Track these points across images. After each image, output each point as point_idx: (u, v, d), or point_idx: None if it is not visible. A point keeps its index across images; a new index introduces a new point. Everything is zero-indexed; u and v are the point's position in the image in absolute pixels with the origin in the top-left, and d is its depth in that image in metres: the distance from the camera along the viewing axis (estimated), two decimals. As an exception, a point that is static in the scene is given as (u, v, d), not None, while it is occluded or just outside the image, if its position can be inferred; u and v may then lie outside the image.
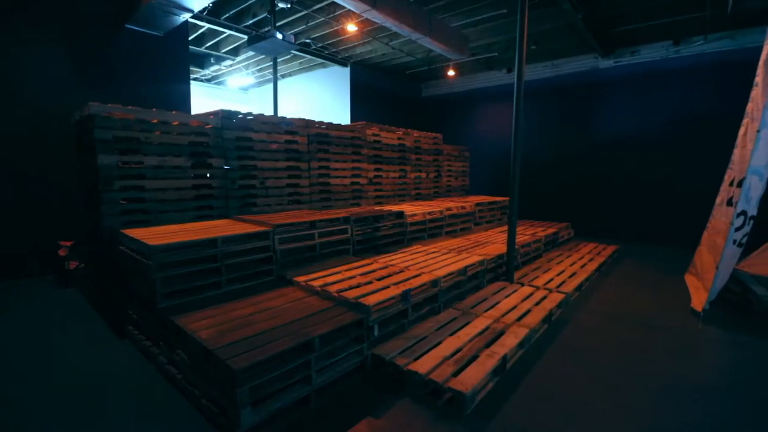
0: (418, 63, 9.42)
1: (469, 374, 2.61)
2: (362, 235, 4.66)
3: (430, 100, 11.41)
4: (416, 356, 2.83)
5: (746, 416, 2.46)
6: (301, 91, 10.71)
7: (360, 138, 5.98)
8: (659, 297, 4.69)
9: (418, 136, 7.26)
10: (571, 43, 7.73)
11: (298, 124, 5.12)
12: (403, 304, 3.23)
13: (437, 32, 6.72)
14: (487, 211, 7.17)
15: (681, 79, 7.46)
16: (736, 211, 3.78)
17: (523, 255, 5.52)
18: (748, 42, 6.64)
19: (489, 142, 10.05)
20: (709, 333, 3.70)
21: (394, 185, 6.74)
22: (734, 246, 3.91)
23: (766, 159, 3.79)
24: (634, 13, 6.43)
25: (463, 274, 4.12)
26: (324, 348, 2.57)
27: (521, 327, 3.35)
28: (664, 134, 7.67)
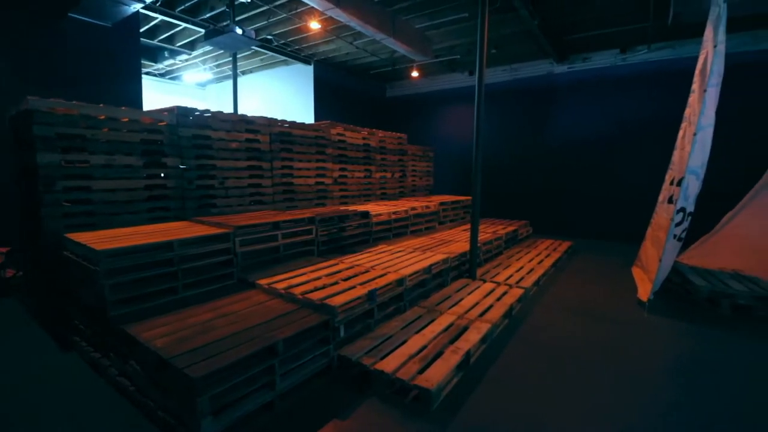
0: (383, 63, 9.45)
1: (434, 371, 2.66)
2: (327, 236, 4.61)
3: (395, 101, 11.49)
4: (382, 355, 2.84)
5: (688, 395, 2.67)
6: (263, 89, 10.44)
7: (324, 137, 5.91)
8: (609, 289, 4.99)
9: (383, 136, 7.29)
10: (529, 48, 8.05)
11: (260, 122, 4.98)
12: (369, 304, 3.23)
13: (401, 33, 6.78)
14: (451, 210, 7.33)
15: (628, 85, 7.97)
16: (676, 208, 4.09)
17: (485, 252, 5.68)
18: (686, 52, 7.21)
19: (452, 142, 10.27)
20: (654, 321, 3.99)
21: (360, 185, 6.73)
22: (675, 240, 4.23)
23: (701, 160, 4.13)
24: (585, 21, 6.79)
25: (428, 272, 4.18)
26: (288, 351, 2.52)
27: (484, 322, 3.45)
28: (614, 136, 8.17)
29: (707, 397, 2.67)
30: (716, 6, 4.10)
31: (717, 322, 3.99)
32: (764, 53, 6.69)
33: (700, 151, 4.04)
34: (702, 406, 2.57)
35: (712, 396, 2.68)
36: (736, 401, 2.62)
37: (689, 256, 5.89)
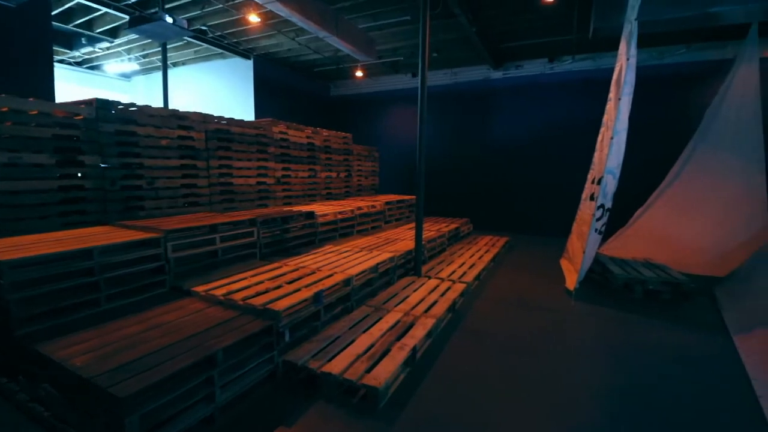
0: (327, 61, 9.33)
1: (381, 369, 2.68)
2: (270, 238, 4.46)
3: (340, 100, 11.41)
4: (330, 357, 2.81)
5: (610, 369, 2.95)
6: (197, 83, 9.82)
7: (266, 135, 5.70)
8: (541, 280, 5.38)
9: (327, 136, 7.20)
10: (468, 54, 8.41)
11: (194, 118, 4.68)
12: (316, 306, 3.17)
13: (345, 32, 6.73)
14: (396, 210, 7.44)
15: (556, 91, 8.64)
16: (597, 204, 4.51)
17: (429, 250, 5.84)
18: (605, 63, 7.96)
19: (397, 143, 10.43)
20: (579, 307, 4.37)
21: (304, 185, 6.59)
22: (596, 234, 4.66)
23: (617, 161, 4.58)
24: (517, 31, 7.24)
25: (375, 271, 4.20)
26: (229, 361, 2.39)
27: (429, 318, 3.54)
28: (545, 138, 8.81)
29: (626, 368, 2.98)
30: (629, 23, 4.58)
31: (632, 305, 4.47)
32: (668, 67, 7.61)
33: (616, 153, 4.49)
34: (621, 375, 2.86)
35: (630, 367, 3.00)
36: (648, 370, 2.96)
37: (608, 248, 6.53)
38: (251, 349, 2.59)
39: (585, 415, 2.48)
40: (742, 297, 4.30)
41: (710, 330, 3.80)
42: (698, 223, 6.27)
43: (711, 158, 6.39)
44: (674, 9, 5.38)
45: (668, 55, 7.60)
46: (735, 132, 6.26)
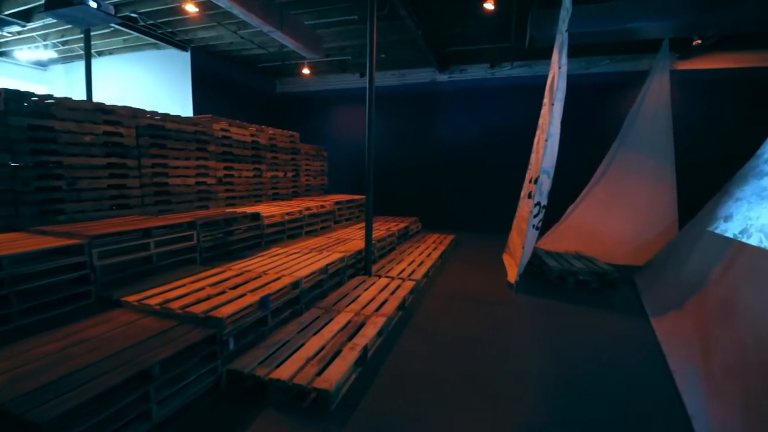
0: (272, 57, 9.03)
1: (332, 370, 2.65)
2: (212, 241, 4.23)
3: (286, 97, 11.10)
4: (278, 363, 2.72)
5: (549, 356, 3.16)
6: (126, 75, 9.04)
7: (206, 133, 5.39)
8: (486, 275, 5.64)
9: (273, 134, 6.98)
10: (415, 56, 8.57)
11: (123, 112, 4.31)
12: (262, 311, 3.06)
13: (290, 28, 6.56)
14: (346, 210, 7.40)
15: (497, 95, 9.09)
16: (534, 202, 4.82)
17: (379, 249, 5.88)
18: (540, 71, 8.50)
19: (346, 142, 10.37)
20: (520, 299, 4.65)
21: (249, 185, 6.33)
22: (533, 229, 4.98)
23: (551, 162, 4.92)
24: (461, 36, 7.51)
25: (325, 272, 4.15)
26: (166, 375, 2.23)
27: (380, 316, 3.57)
28: (487, 140, 9.23)
29: (561, 352, 3.22)
30: (560, 34, 4.93)
31: (565, 294, 4.83)
32: (595, 76, 8.30)
33: (550, 154, 4.82)
34: (558, 359, 3.08)
35: (564, 349, 3.24)
36: (579, 351, 3.21)
37: (544, 242, 7.00)
38: (192, 360, 2.44)
39: (529, 403, 2.63)
40: (657, 284, 4.82)
41: (632, 314, 4.22)
42: (620, 218, 6.93)
43: (630, 159, 7.09)
44: (598, 23, 5.89)
45: (594, 65, 8.30)
46: (650, 135, 7.00)
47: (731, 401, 2.37)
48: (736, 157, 4.79)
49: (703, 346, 3.04)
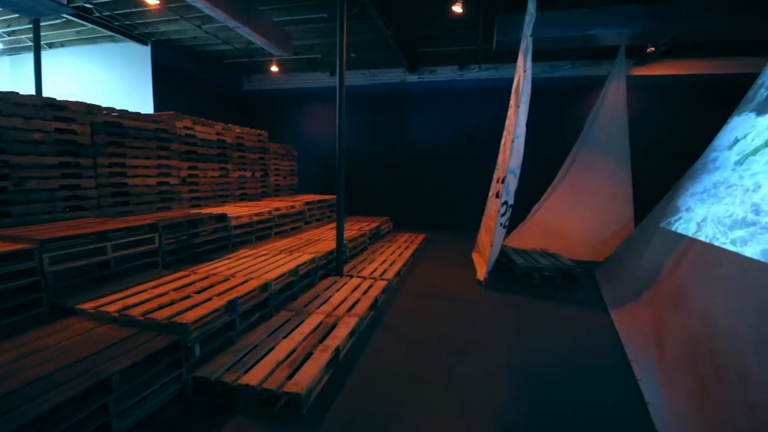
0: (238, 53, 8.78)
1: (304, 373, 2.61)
2: (175, 244, 4.06)
3: (254, 95, 10.83)
4: (247, 368, 2.65)
5: (519, 347, 3.26)
6: (81, 69, 8.51)
7: (168, 131, 5.17)
8: (456, 273, 5.74)
9: (240, 132, 6.79)
10: (385, 56, 8.58)
11: (76, 108, 4.05)
12: (230, 315, 2.97)
13: (258, 24, 6.40)
14: (317, 210, 7.31)
15: (466, 96, 9.26)
16: (501, 201, 4.95)
17: (351, 249, 5.86)
18: (506, 74, 8.73)
19: (316, 141, 10.25)
20: (489, 296, 4.77)
21: (214, 185, 6.12)
22: (501, 228, 5.11)
23: (517, 162, 5.07)
24: (430, 38, 7.60)
25: (295, 273, 4.08)
26: (127, 385, 2.12)
27: (352, 317, 3.55)
28: (457, 140, 9.39)
29: (529, 343, 3.32)
30: (525, 39, 5.09)
31: (532, 290, 5.00)
32: (557, 80, 8.63)
33: (516, 155, 4.96)
34: (526, 349, 3.18)
35: (531, 342, 3.35)
36: (545, 343, 3.34)
37: (511, 240, 7.21)
38: (154, 369, 2.33)
39: (500, 397, 2.70)
40: (615, 278, 5.07)
41: (593, 307, 4.42)
42: (581, 216, 7.25)
43: (590, 160, 7.43)
44: (561, 29, 6.14)
45: (557, 70, 8.63)
46: (608, 137, 7.37)
47: (684, 389, 2.53)
48: (686, 158, 5.13)
49: (658, 337, 3.23)
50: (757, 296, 2.50)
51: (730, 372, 2.29)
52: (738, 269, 2.84)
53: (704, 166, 4.39)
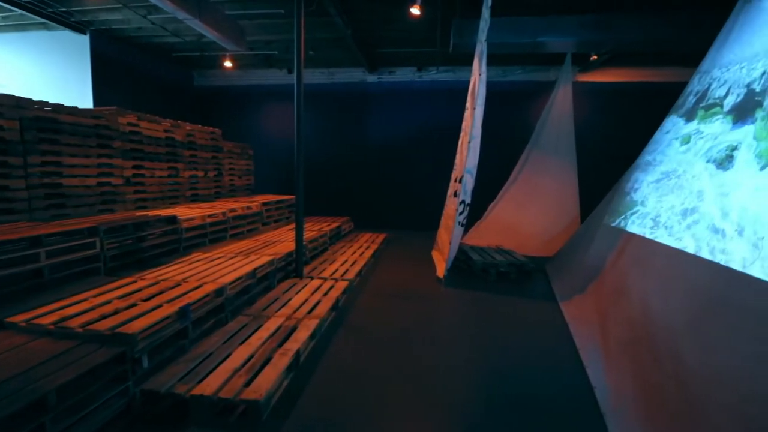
0: (188, 47, 8.35)
1: (262, 379, 2.53)
2: (119, 249, 3.79)
3: (206, 91, 10.35)
4: (201, 377, 2.53)
5: (477, 341, 3.36)
6: (8, 59, 7.72)
7: (109, 127, 4.82)
8: (416, 271, 5.83)
9: (191, 130, 6.47)
10: (344, 55, 8.53)
11: (3, 102, 3.67)
12: (182, 323, 2.82)
13: (209, 17, 6.11)
14: (275, 210, 7.13)
15: (425, 98, 9.42)
16: (459, 200, 5.09)
17: (311, 250, 5.77)
18: (463, 76, 8.96)
19: (273, 140, 9.98)
20: (449, 293, 4.89)
21: (163, 186, 5.79)
22: (459, 226, 5.25)
23: (474, 162, 5.22)
24: (390, 38, 7.65)
25: (253, 276, 3.95)
26: (66, 402, 1.95)
27: (312, 319, 3.49)
28: (416, 140, 9.53)
29: (486, 337, 3.45)
30: (480, 43, 5.26)
31: (488, 285, 5.19)
32: (510, 84, 9.00)
33: (473, 155, 5.12)
34: (484, 342, 3.30)
35: (489, 335, 3.48)
36: (502, 335, 3.47)
37: (469, 238, 7.44)
38: (97, 384, 2.16)
39: (459, 389, 2.77)
40: (564, 272, 5.38)
41: (544, 299, 4.67)
42: (533, 213, 7.63)
43: (540, 161, 7.84)
44: (512, 35, 6.41)
45: (510, 74, 9.00)
46: (557, 139, 7.80)
47: (625, 372, 2.73)
48: (625, 158, 5.53)
49: (602, 325, 3.47)
50: (685, 283, 2.75)
51: (664, 353, 2.51)
52: (669, 259, 3.11)
53: (641, 165, 4.76)
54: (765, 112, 2.76)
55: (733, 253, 2.41)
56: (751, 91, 3.08)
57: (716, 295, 2.40)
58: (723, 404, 1.88)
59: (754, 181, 2.54)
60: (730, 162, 2.92)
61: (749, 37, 3.54)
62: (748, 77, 3.21)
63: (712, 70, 4.01)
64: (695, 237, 2.90)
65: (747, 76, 3.24)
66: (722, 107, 3.45)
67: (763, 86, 2.93)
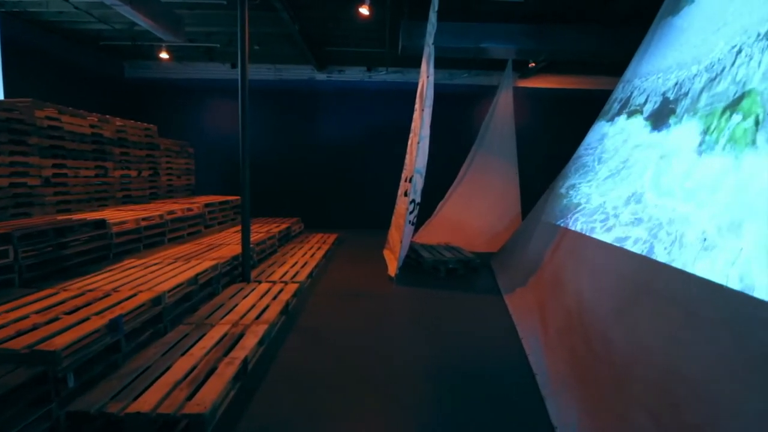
0: (118, 35, 7.67)
1: (207, 391, 2.39)
2: (38, 257, 3.38)
3: (139, 84, 9.58)
4: (138, 394, 2.34)
5: (428, 336, 3.44)
6: None
7: (24, 121, 4.29)
8: (368, 270, 5.85)
9: (122, 126, 5.96)
10: (292, 52, 8.31)
11: None
12: (113, 336, 2.58)
13: (141, 3, 5.66)
14: (219, 212, 6.77)
15: (374, 98, 9.47)
16: (409, 200, 5.17)
17: (259, 252, 5.56)
18: (412, 78, 9.09)
19: (217, 138, 9.49)
20: (401, 291, 4.98)
21: (89, 187, 5.27)
22: (410, 225, 5.34)
23: (423, 162, 5.33)
24: (339, 37, 7.59)
25: (194, 283, 3.72)
26: (-32, 435, 1.71)
27: (260, 324, 3.37)
28: (366, 140, 9.55)
29: (437, 332, 3.55)
30: (428, 46, 5.38)
31: (438, 282, 5.36)
32: (457, 86, 9.32)
33: (422, 155, 5.23)
34: (435, 337, 3.39)
35: (439, 330, 3.59)
36: (451, 329, 3.59)
37: (419, 236, 7.60)
38: (13, 409, 1.91)
39: (412, 388, 2.80)
40: (507, 266, 5.68)
41: (490, 293, 4.91)
42: (479, 211, 7.98)
43: (485, 161, 8.23)
44: (457, 40, 6.65)
45: (456, 77, 9.32)
46: (500, 141, 8.22)
47: (562, 358, 2.94)
48: (561, 158, 5.94)
49: (542, 315, 3.70)
50: (613, 274, 3.02)
51: (596, 338, 2.73)
52: (598, 251, 3.38)
53: (575, 164, 5.15)
54: (677, 118, 3.11)
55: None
56: (666, 99, 3.44)
57: (640, 283, 2.65)
58: (645, 380, 2.09)
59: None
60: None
61: (664, 51, 3.96)
62: (664, 86, 3.59)
63: (634, 80, 4.43)
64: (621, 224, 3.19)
65: (662, 86, 3.62)
66: (642, 113, 3.83)
67: (676, 95, 3.29)
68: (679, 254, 2.30)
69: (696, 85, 3.01)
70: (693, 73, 3.13)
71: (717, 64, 2.81)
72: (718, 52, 2.84)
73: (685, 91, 3.14)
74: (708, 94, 2.76)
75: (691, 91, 3.03)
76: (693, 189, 2.49)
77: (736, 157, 2.18)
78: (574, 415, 2.35)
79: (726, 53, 2.73)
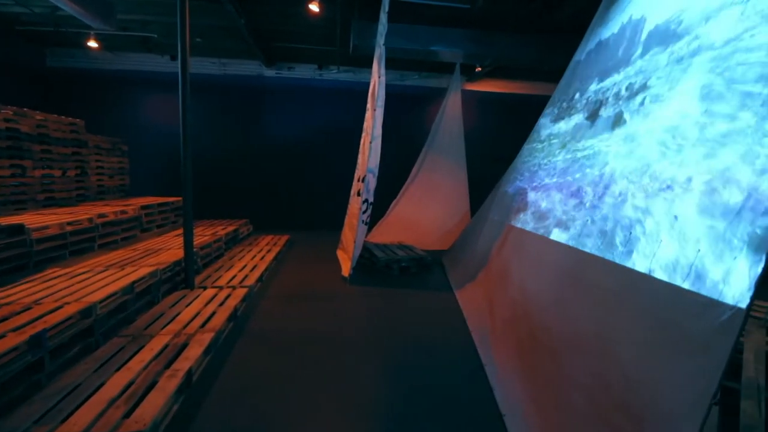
0: (38, 19, 6.89)
1: (147, 407, 2.23)
2: (-62, 267, 2.96)
3: (64, 74, 8.67)
4: (66, 415, 2.12)
5: (382, 333, 3.45)
6: None
7: None
8: (321, 271, 5.77)
9: (43, 120, 5.37)
10: (238, 46, 7.95)
11: None
12: (34, 354, 2.32)
13: (63, -14, 5.13)
14: (158, 214, 6.33)
15: (326, 96, 9.33)
16: (362, 199, 5.17)
17: (204, 257, 5.28)
18: (363, 77, 9.08)
19: (155, 135, 8.85)
20: (354, 290, 4.96)
21: (4, 188, 4.70)
22: (363, 225, 5.34)
23: (375, 162, 5.35)
24: (288, 33, 7.38)
25: (130, 291, 3.45)
26: None
27: (206, 333, 3.20)
28: (318, 139, 9.39)
29: (391, 328, 3.57)
30: (379, 47, 5.40)
31: (392, 280, 5.42)
32: (408, 88, 9.45)
33: (374, 155, 5.24)
34: (389, 334, 3.41)
35: (393, 327, 3.61)
36: (404, 325, 3.64)
37: (372, 236, 7.63)
38: None
39: (367, 387, 2.80)
40: (457, 263, 5.87)
41: (442, 289, 5.05)
42: (430, 210, 8.17)
43: (435, 161, 8.44)
44: (407, 42, 6.76)
45: (407, 79, 9.45)
46: (449, 142, 8.46)
47: (508, 348, 3.09)
48: (507, 159, 6.23)
49: (490, 308, 3.87)
50: (552, 266, 3.22)
51: (538, 327, 2.90)
52: (539, 245, 3.60)
53: (520, 164, 5.42)
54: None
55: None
56: (591, 102, 3.74)
57: (575, 274, 2.85)
58: (580, 364, 2.25)
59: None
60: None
61: (588, 62, 4.30)
62: (586, 95, 3.91)
63: (567, 88, 4.76)
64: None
65: (584, 95, 3.94)
66: (570, 117, 4.13)
67: (595, 103, 3.58)
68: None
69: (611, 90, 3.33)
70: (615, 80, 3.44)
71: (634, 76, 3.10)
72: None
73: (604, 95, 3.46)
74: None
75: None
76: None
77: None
78: (520, 402, 2.48)
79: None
